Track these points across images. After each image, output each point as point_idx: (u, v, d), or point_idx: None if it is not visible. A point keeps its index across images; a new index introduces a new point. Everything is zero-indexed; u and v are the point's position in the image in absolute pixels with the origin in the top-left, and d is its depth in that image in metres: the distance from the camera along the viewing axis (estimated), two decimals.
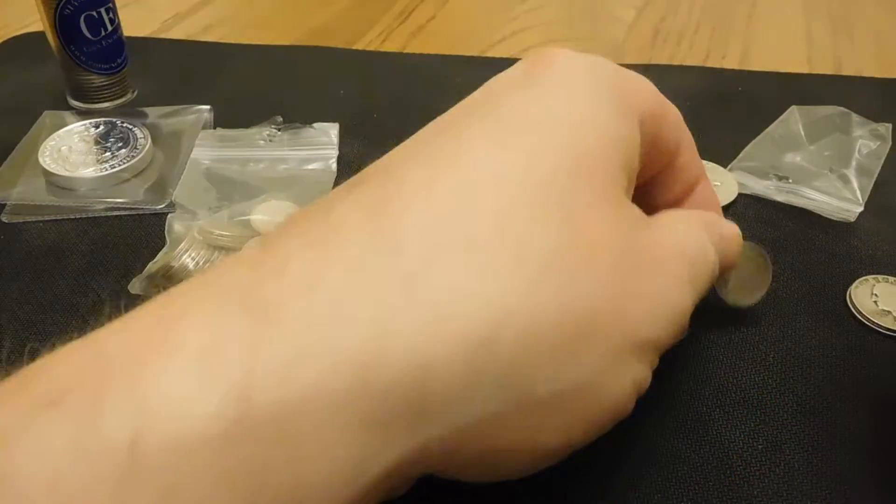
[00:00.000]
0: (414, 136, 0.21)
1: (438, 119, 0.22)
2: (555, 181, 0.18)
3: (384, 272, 0.16)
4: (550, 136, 0.19)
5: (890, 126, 0.40)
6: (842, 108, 0.41)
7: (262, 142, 0.40)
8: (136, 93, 0.46)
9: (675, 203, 0.26)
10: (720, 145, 0.40)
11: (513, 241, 0.17)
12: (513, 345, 0.17)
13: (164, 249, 0.33)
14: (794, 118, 0.41)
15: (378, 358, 0.15)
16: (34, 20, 0.54)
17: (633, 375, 0.19)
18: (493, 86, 0.22)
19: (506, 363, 0.17)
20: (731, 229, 0.26)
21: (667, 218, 0.23)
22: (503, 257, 0.17)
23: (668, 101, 0.24)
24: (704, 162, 0.35)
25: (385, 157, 0.20)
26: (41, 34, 0.44)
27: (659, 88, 0.24)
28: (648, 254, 0.20)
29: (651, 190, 0.26)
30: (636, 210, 0.22)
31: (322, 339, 0.15)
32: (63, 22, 0.42)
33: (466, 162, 0.18)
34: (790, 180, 0.37)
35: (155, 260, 0.32)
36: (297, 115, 0.43)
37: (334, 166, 0.39)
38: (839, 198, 0.36)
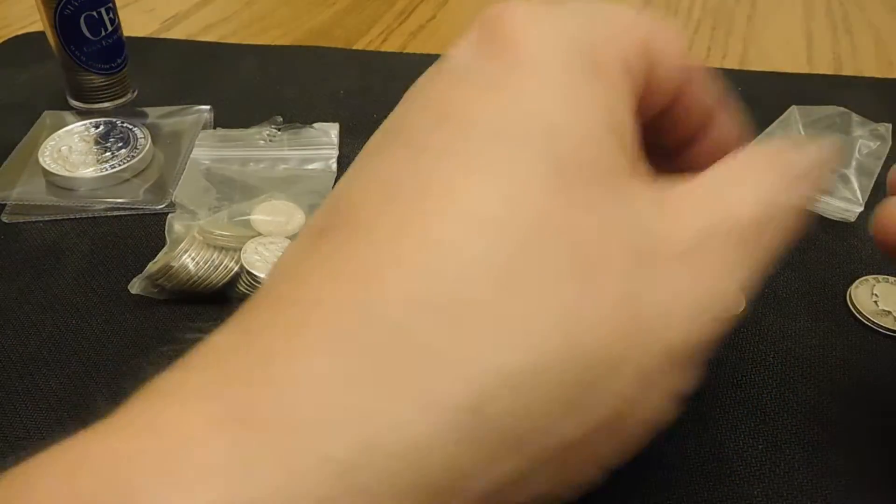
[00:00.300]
0: (372, 157, 0.19)
1: (389, 133, 0.19)
2: (548, 206, 0.16)
3: (367, 355, 0.15)
4: (533, 148, 0.17)
5: (890, 126, 0.40)
6: (842, 108, 0.41)
7: (262, 142, 0.40)
8: (136, 93, 0.46)
9: (691, 138, 0.22)
10: None
11: (505, 295, 0.15)
12: (512, 405, 0.15)
13: (164, 249, 0.33)
14: (794, 118, 0.41)
15: (368, 455, 0.14)
16: (34, 20, 0.54)
17: (667, 386, 0.17)
18: (446, 82, 0.19)
19: (509, 425, 0.15)
20: (814, 155, 0.20)
21: (713, 180, 0.19)
22: (494, 316, 0.15)
23: (657, 28, 0.20)
24: None
25: (346, 184, 0.18)
26: (41, 34, 0.44)
27: None
28: (670, 246, 0.17)
29: (659, 128, 0.22)
30: (646, 192, 0.18)
31: (309, 447, 0.14)
32: (63, 22, 0.42)
33: (442, 204, 0.16)
34: None
35: (155, 260, 0.32)
36: (297, 115, 0.43)
37: (334, 166, 0.39)
38: (839, 198, 0.36)
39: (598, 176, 0.17)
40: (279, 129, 0.41)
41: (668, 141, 0.22)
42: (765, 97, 0.45)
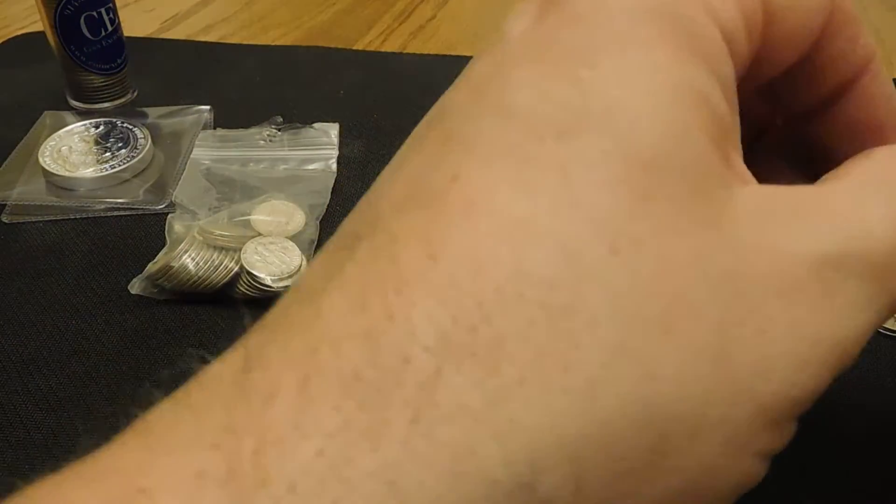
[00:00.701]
0: (407, 149, 0.16)
1: (428, 121, 0.16)
2: (617, 218, 0.13)
3: (386, 403, 0.12)
4: (590, 137, 0.13)
5: None
6: None
7: (262, 142, 0.40)
8: (136, 93, 0.46)
9: (821, 103, 0.17)
10: None
11: (554, 335, 0.12)
12: (571, 480, 0.12)
13: (164, 249, 0.33)
14: None
15: None
16: (34, 20, 0.54)
17: (757, 448, 0.14)
18: (490, 56, 0.16)
19: (568, 502, 0.12)
20: None
21: (844, 187, 0.15)
22: (536, 369, 0.12)
23: None
24: None
25: (379, 182, 0.16)
26: (41, 34, 0.44)
27: None
28: (777, 277, 0.14)
29: (785, 89, 0.17)
30: (747, 203, 0.14)
31: None
32: (63, 22, 0.42)
33: (470, 208, 0.13)
34: None
35: (155, 260, 0.32)
36: (297, 115, 0.43)
37: (334, 166, 0.39)
38: None
39: (684, 182, 0.13)
40: (279, 129, 0.41)
41: (788, 105, 0.18)
42: None
